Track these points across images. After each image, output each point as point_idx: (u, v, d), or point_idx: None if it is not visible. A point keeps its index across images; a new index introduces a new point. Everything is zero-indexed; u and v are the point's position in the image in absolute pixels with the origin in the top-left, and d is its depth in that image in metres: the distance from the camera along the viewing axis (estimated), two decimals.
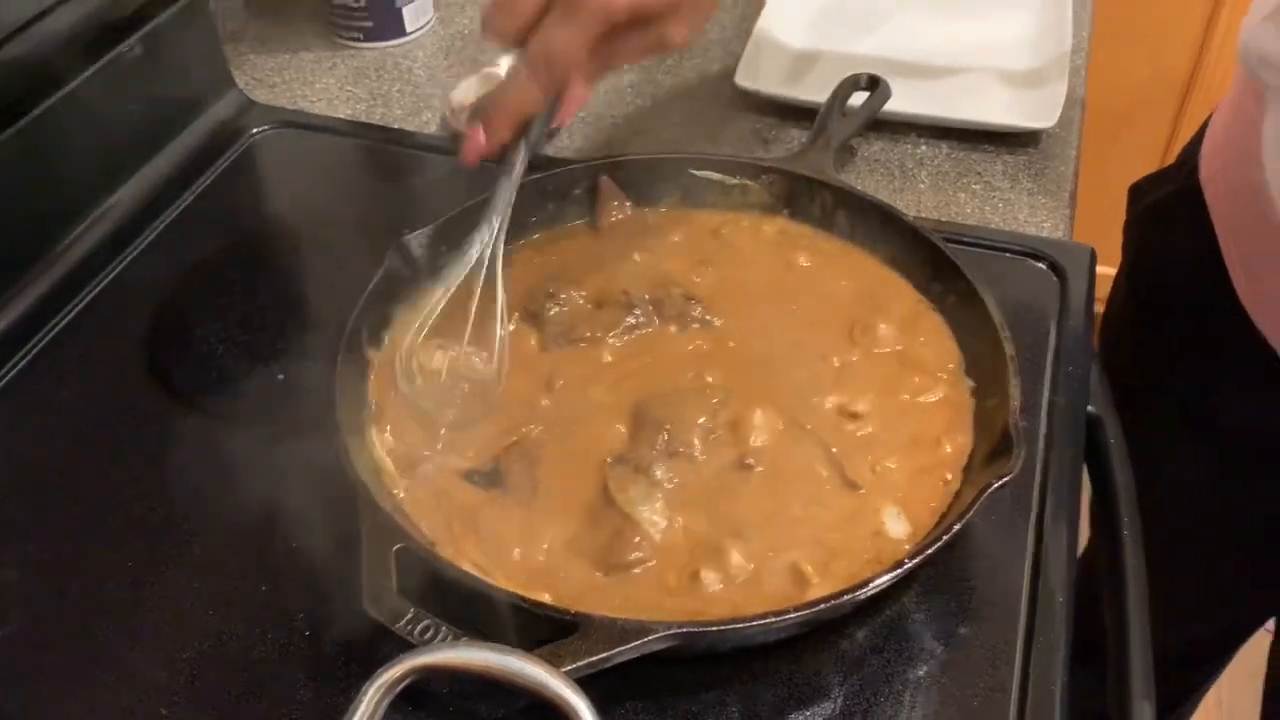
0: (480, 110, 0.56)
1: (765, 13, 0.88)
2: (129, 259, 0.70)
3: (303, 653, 0.50)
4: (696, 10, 0.55)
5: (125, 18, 0.72)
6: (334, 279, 0.64)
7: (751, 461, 0.53)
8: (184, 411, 0.61)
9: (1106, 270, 0.85)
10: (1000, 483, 0.48)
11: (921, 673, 0.48)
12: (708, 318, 0.61)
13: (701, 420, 0.55)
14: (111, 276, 0.69)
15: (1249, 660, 0.93)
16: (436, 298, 0.56)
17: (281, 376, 0.62)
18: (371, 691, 0.36)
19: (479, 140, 0.56)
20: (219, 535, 0.55)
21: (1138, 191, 0.86)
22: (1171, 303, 0.83)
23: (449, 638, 0.42)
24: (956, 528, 0.47)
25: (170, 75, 0.77)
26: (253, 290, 0.68)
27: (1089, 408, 0.64)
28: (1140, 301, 0.87)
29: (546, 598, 0.48)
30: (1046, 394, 0.60)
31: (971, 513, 0.47)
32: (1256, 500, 0.84)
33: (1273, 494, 0.80)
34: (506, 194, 0.57)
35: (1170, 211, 0.81)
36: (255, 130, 0.80)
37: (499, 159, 0.57)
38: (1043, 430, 0.58)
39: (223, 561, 0.54)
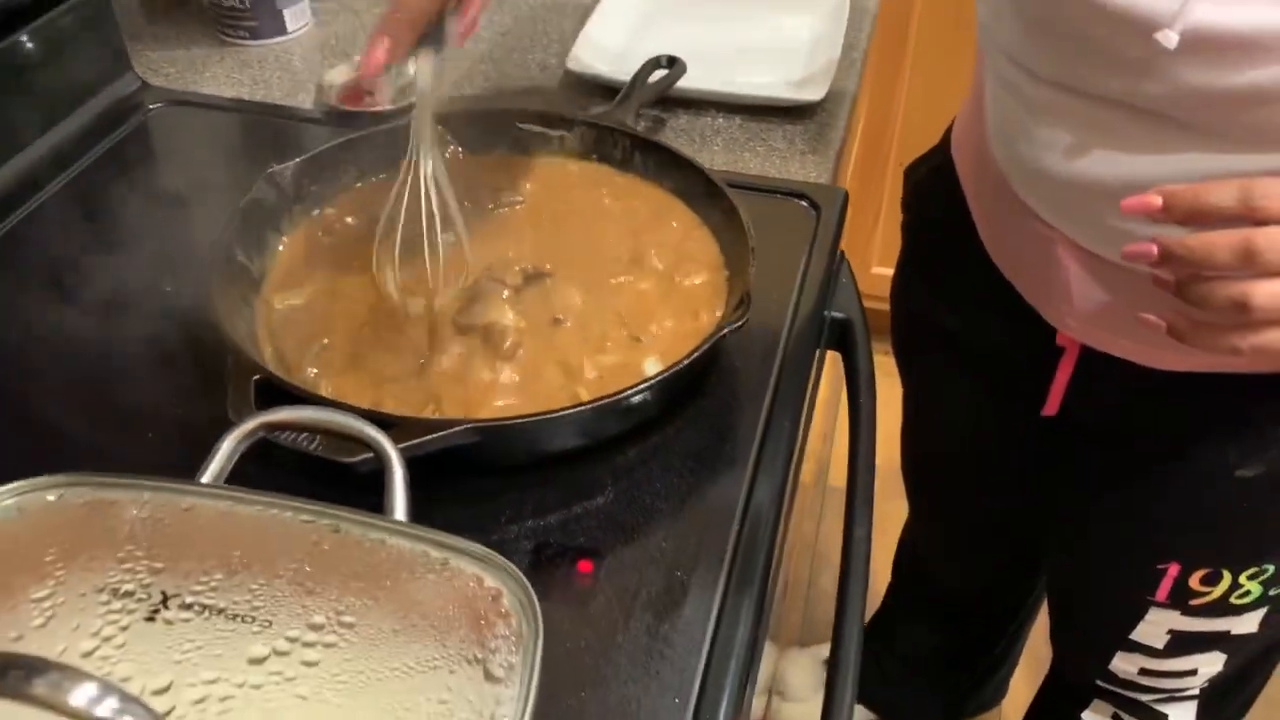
0: (381, 22, 0.59)
1: (594, 17, 1.04)
2: (33, 207, 0.82)
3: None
4: None
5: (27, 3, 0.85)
6: (219, 218, 0.76)
7: (561, 317, 0.68)
8: (83, 322, 0.73)
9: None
10: (731, 328, 0.62)
11: (676, 476, 0.63)
12: (518, 199, 0.76)
13: (518, 267, 0.70)
14: (21, 217, 0.81)
15: None
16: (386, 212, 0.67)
17: (169, 289, 0.74)
18: (228, 440, 0.49)
19: (380, 49, 0.58)
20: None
21: (909, 172, 1.02)
22: (938, 261, 0.98)
23: None
24: (695, 355, 0.61)
25: (72, 55, 0.89)
26: (149, 229, 0.80)
27: (839, 313, 0.81)
28: (915, 270, 1.02)
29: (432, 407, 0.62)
30: (794, 298, 0.75)
31: (705, 347, 0.62)
32: (1017, 422, 0.99)
33: (1026, 414, 0.96)
34: (426, 106, 0.64)
35: (932, 183, 0.94)
36: (151, 106, 0.93)
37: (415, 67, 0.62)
38: (786, 326, 0.73)
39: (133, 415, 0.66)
